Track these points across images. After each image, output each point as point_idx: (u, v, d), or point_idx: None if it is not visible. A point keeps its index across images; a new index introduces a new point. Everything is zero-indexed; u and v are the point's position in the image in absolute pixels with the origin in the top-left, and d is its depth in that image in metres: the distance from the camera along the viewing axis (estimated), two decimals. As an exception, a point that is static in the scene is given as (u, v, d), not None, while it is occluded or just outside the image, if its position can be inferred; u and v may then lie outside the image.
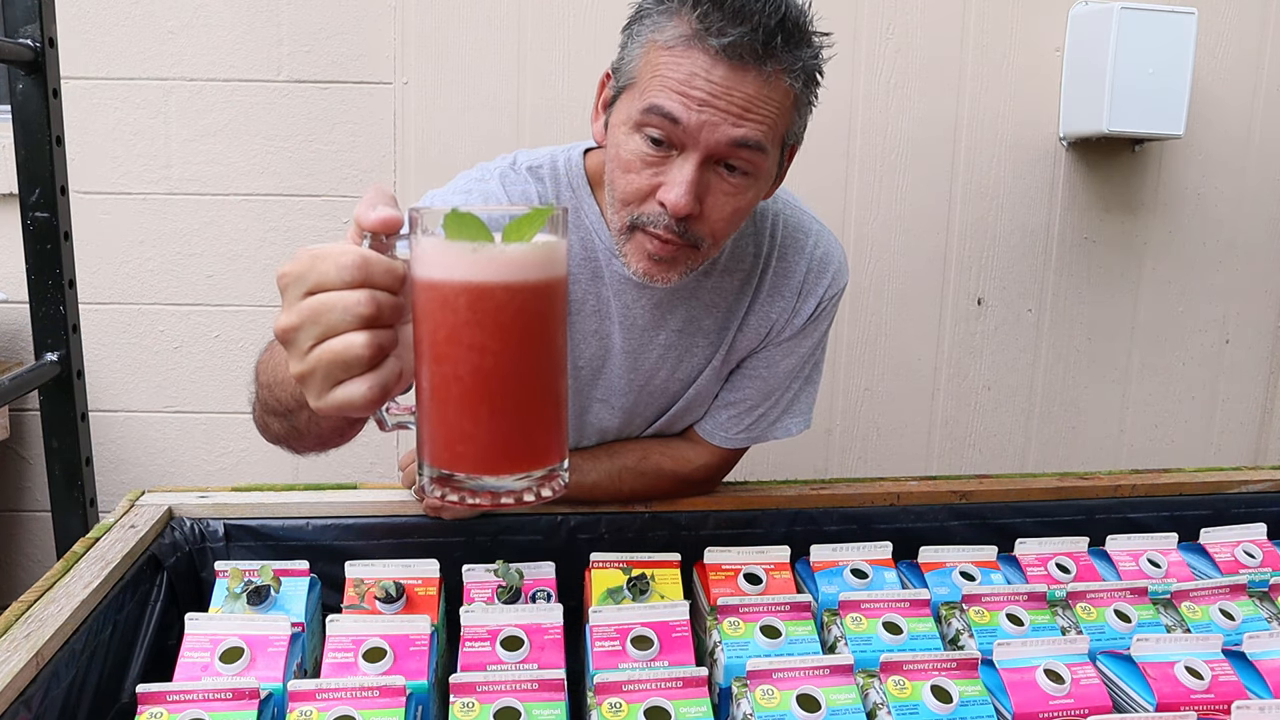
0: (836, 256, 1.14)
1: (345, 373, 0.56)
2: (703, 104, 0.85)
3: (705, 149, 0.87)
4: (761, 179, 0.93)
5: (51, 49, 1.30)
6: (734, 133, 0.86)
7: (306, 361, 0.57)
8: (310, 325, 0.56)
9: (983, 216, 2.14)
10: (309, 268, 0.57)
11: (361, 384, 0.56)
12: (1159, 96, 1.97)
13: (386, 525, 1.07)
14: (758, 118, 0.87)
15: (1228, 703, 0.78)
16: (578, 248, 1.07)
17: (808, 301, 1.11)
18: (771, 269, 1.11)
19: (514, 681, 0.76)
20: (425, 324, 0.55)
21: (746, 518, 1.14)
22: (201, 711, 0.71)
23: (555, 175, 1.06)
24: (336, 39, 1.95)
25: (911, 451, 2.24)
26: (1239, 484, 1.24)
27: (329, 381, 0.57)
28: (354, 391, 0.56)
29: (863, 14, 2.04)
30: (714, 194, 0.90)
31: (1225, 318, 2.28)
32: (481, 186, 1.04)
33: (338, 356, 0.56)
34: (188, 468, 2.11)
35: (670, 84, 0.86)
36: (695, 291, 1.09)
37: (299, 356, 0.58)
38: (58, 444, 1.37)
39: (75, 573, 0.90)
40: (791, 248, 1.11)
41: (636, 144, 0.89)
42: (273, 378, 0.81)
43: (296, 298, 0.58)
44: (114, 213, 1.98)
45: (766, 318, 1.12)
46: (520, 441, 0.55)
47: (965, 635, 0.89)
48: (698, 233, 0.93)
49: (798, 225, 1.13)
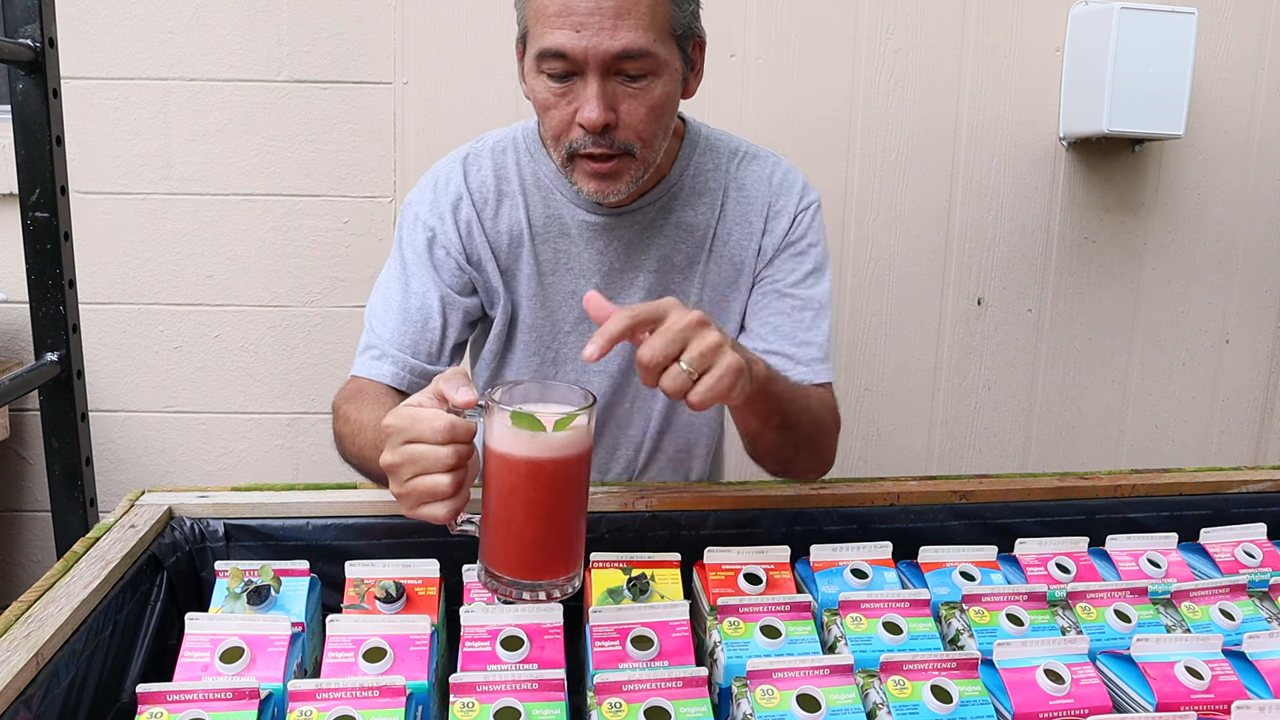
0: (799, 177, 1.19)
1: (431, 498, 0.77)
2: (580, 27, 0.92)
3: (597, 67, 0.94)
4: (665, 75, 0.98)
5: (51, 49, 1.30)
6: (613, 46, 0.93)
7: (404, 488, 0.78)
8: (409, 465, 0.77)
9: (983, 216, 2.14)
10: (409, 425, 0.77)
11: (441, 507, 0.78)
12: (1159, 96, 1.97)
13: (386, 525, 1.07)
14: (630, 23, 0.93)
15: (1228, 703, 0.78)
16: (541, 209, 1.14)
17: (780, 220, 1.16)
18: (732, 198, 1.15)
19: (514, 681, 0.76)
20: (494, 478, 0.78)
21: (746, 518, 1.14)
22: (201, 711, 0.71)
23: (516, 148, 1.15)
24: (336, 39, 1.95)
25: (911, 451, 2.24)
26: (1239, 484, 1.24)
27: (419, 502, 0.78)
28: (435, 511, 0.78)
29: (863, 14, 2.04)
30: (624, 101, 0.97)
31: (1225, 318, 2.28)
32: (447, 178, 1.14)
33: (428, 490, 0.76)
34: (188, 468, 2.11)
35: (550, 21, 0.93)
36: (661, 228, 1.14)
37: (399, 483, 0.78)
38: (58, 444, 1.37)
39: (75, 573, 0.90)
40: (750, 176, 1.17)
41: (544, 84, 0.98)
42: (360, 453, 1.04)
43: (398, 444, 0.77)
44: (114, 213, 1.99)
45: (738, 244, 1.15)
46: (551, 559, 0.80)
47: (965, 635, 0.89)
48: (625, 140, 1.00)
49: (754, 155, 1.18)
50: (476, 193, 1.14)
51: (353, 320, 2.04)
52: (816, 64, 2.04)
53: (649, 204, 1.13)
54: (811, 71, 2.04)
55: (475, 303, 1.16)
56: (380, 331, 1.13)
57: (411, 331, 1.13)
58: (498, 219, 1.14)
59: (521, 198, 1.14)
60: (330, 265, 2.03)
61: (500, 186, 1.14)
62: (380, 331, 1.13)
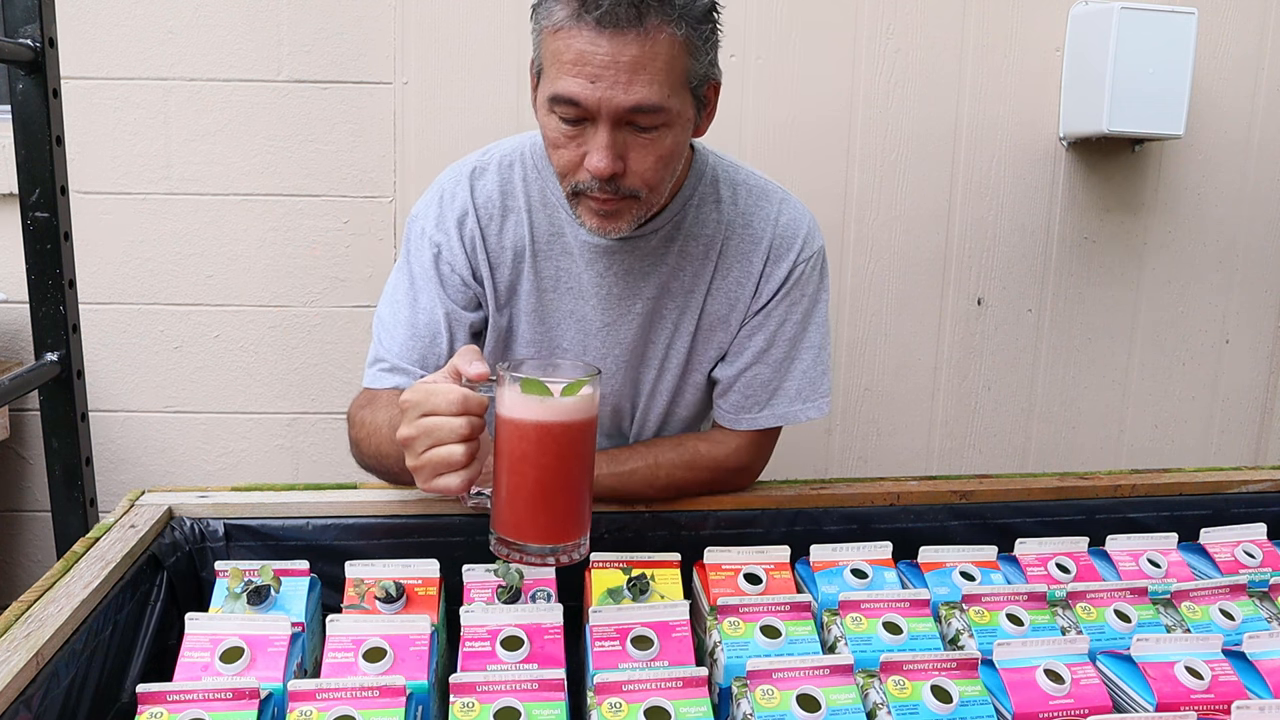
0: (805, 221, 1.17)
1: (446, 469, 0.82)
2: (595, 78, 0.91)
3: (608, 117, 0.94)
4: (676, 125, 0.98)
5: (51, 49, 1.30)
6: (627, 100, 0.92)
7: (420, 460, 0.82)
8: (425, 437, 0.82)
9: (983, 216, 2.14)
10: (425, 399, 0.82)
11: (455, 477, 0.83)
12: (1159, 96, 1.97)
13: (386, 525, 1.07)
14: (646, 78, 0.92)
15: (1228, 703, 0.78)
16: (545, 226, 1.14)
17: (779, 265, 1.15)
18: (736, 234, 1.15)
19: (514, 681, 0.76)
20: (505, 444, 0.82)
21: (746, 518, 1.14)
22: (201, 711, 0.71)
23: (523, 163, 1.15)
24: (336, 39, 1.95)
25: (911, 451, 2.24)
26: (1239, 484, 1.24)
27: (433, 474, 0.83)
28: (450, 481, 0.83)
29: (863, 14, 2.04)
30: (633, 150, 0.97)
31: (1225, 318, 2.28)
32: (453, 192, 1.14)
33: (443, 459, 0.81)
34: (188, 468, 2.11)
35: (565, 68, 0.92)
36: (663, 257, 1.13)
37: (414, 456, 0.83)
38: (58, 444, 1.37)
39: (75, 573, 0.90)
40: (756, 214, 1.15)
41: (555, 124, 0.97)
42: (378, 451, 1.06)
43: (414, 417, 0.82)
44: (114, 213, 1.99)
45: (735, 282, 1.15)
46: (559, 523, 0.84)
47: (965, 635, 0.89)
48: (630, 186, 1.00)
49: (762, 192, 1.17)
50: (482, 209, 1.14)
51: (353, 320, 2.04)
52: (816, 64, 2.04)
53: (652, 231, 1.13)
54: (811, 71, 2.04)
55: (480, 316, 1.17)
56: (389, 346, 1.15)
57: (420, 346, 1.14)
58: (502, 234, 1.14)
59: (526, 214, 1.14)
60: (330, 265, 2.03)
61: (505, 202, 1.14)
62: (389, 346, 1.15)
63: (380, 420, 1.06)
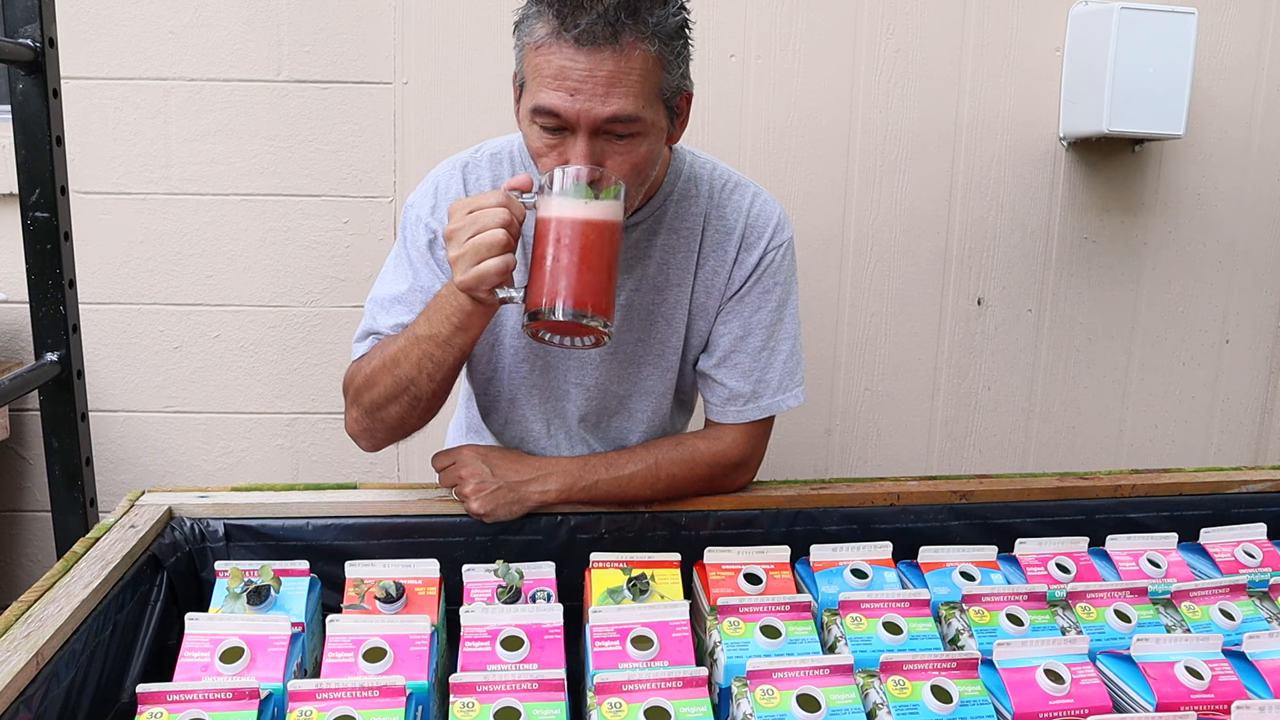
0: (776, 212, 1.22)
1: (488, 253, 0.94)
2: (574, 92, 0.97)
3: (587, 127, 0.99)
4: (650, 134, 1.03)
5: (51, 49, 1.30)
6: (604, 111, 0.97)
7: (463, 247, 0.95)
8: (470, 225, 0.95)
9: (983, 216, 2.14)
10: (472, 200, 0.97)
11: (495, 261, 0.94)
12: (1159, 96, 1.97)
13: (386, 525, 1.07)
14: (622, 90, 0.97)
15: (1228, 703, 0.78)
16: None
17: (751, 252, 1.19)
18: (712, 225, 1.19)
19: (514, 681, 0.76)
20: (547, 236, 0.95)
21: (746, 518, 1.14)
22: (201, 711, 0.71)
23: (512, 158, 1.20)
24: (336, 39, 1.95)
25: (911, 451, 2.24)
26: (1239, 484, 1.24)
27: (475, 259, 0.94)
28: (490, 265, 0.94)
29: (863, 14, 2.04)
30: (611, 156, 1.01)
31: (1225, 318, 2.28)
32: (448, 184, 1.20)
33: (485, 243, 0.94)
34: (188, 468, 2.11)
35: (546, 82, 0.98)
36: (648, 250, 1.17)
37: (458, 245, 0.95)
38: (58, 444, 1.37)
39: (75, 573, 0.90)
40: (729, 205, 1.20)
41: (537, 133, 1.02)
42: (396, 356, 1.07)
43: (462, 213, 0.96)
44: (114, 213, 1.98)
45: (712, 271, 1.19)
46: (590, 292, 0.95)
47: (965, 635, 0.89)
48: None
49: (736, 185, 1.22)
50: None
51: (353, 320, 2.04)
52: (816, 64, 2.04)
53: (634, 225, 1.16)
54: (811, 72, 2.04)
55: None
56: (383, 320, 1.15)
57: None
58: None
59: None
60: (330, 265, 2.03)
61: None
62: (383, 320, 1.15)
63: (388, 350, 1.08)
